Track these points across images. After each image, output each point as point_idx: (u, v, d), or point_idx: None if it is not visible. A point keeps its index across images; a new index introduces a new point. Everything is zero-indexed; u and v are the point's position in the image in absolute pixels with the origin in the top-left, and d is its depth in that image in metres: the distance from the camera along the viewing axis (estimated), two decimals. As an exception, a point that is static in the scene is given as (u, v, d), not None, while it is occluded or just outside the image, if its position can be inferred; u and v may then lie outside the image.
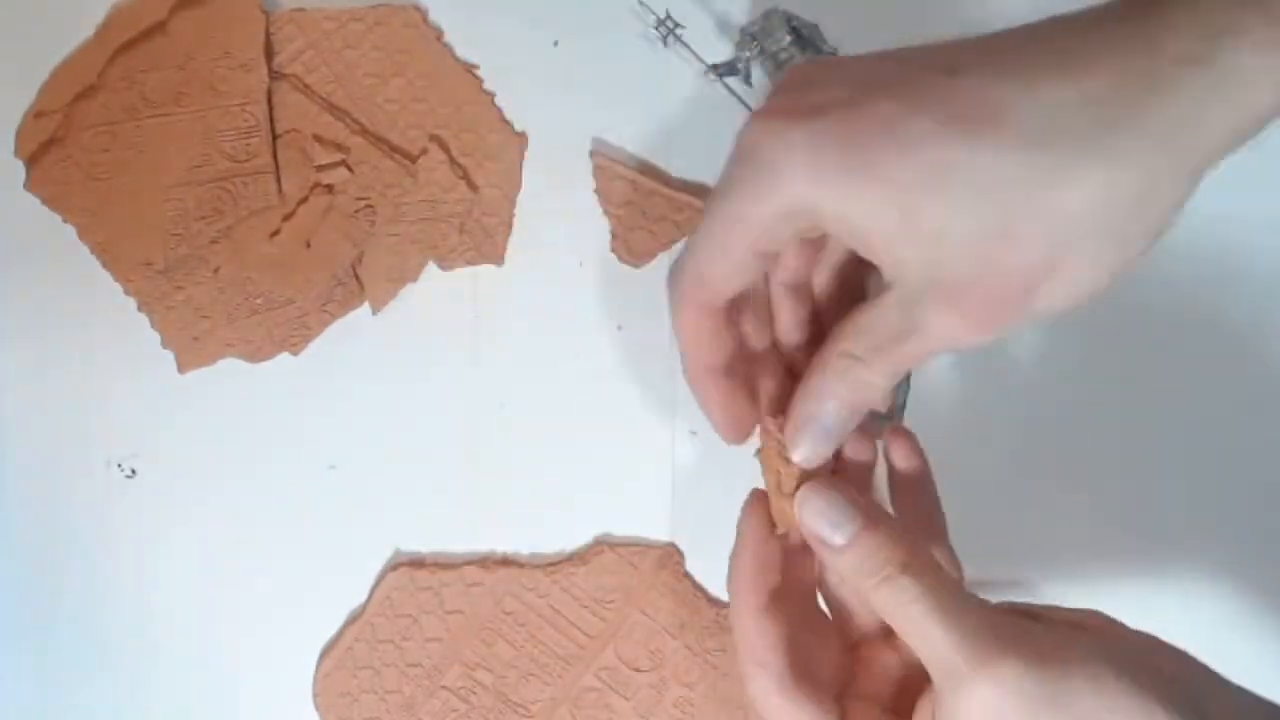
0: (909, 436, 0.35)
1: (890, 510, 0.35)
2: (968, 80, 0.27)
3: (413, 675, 0.43)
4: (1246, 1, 0.25)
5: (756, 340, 0.33)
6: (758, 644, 0.33)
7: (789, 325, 0.33)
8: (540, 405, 0.44)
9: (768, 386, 0.33)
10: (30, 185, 0.43)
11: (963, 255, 0.27)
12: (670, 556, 0.43)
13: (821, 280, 0.33)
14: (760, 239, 0.29)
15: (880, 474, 0.37)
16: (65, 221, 0.43)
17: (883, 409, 0.32)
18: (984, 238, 0.27)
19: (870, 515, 0.31)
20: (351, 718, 0.43)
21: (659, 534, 0.43)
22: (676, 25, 0.43)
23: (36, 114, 0.43)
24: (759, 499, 0.34)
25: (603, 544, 0.43)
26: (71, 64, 0.44)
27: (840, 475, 0.34)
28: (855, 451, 0.35)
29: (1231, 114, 0.26)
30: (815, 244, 0.32)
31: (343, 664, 0.43)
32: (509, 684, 0.43)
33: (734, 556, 0.34)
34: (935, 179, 0.27)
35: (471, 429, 0.44)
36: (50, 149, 0.43)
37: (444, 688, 0.43)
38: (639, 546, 0.43)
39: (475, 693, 0.43)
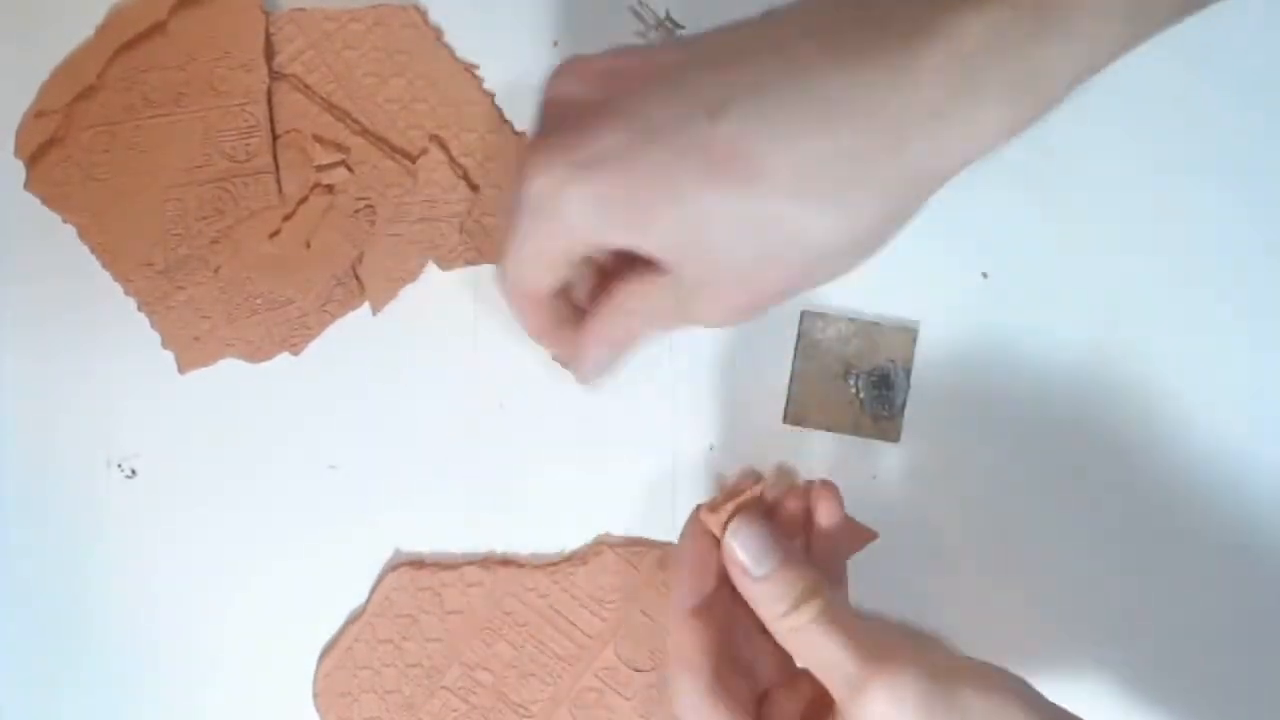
0: (834, 492, 0.39)
1: None
2: (728, 127, 0.30)
3: (413, 675, 0.43)
4: (989, 50, 0.29)
5: (582, 294, 0.38)
6: (687, 644, 0.36)
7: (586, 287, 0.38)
8: (540, 405, 0.44)
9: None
10: (30, 185, 0.43)
11: (728, 273, 0.32)
12: (670, 557, 0.43)
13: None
14: (562, 261, 0.34)
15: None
16: (65, 221, 0.43)
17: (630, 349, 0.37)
18: (745, 264, 0.32)
19: (790, 554, 0.36)
20: (351, 718, 0.43)
21: (659, 534, 0.43)
22: (676, 25, 0.43)
23: (36, 114, 0.43)
24: (709, 509, 0.38)
25: (603, 544, 0.43)
26: (71, 64, 0.43)
27: (775, 516, 0.39)
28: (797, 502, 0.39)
29: (964, 154, 0.31)
30: None
31: (343, 664, 0.43)
32: (509, 684, 0.43)
33: (674, 558, 0.38)
34: (702, 224, 0.31)
35: (472, 429, 0.44)
36: (50, 149, 0.43)
37: (444, 688, 0.43)
38: (639, 546, 0.43)
39: (475, 693, 0.43)
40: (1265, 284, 0.44)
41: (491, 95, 0.44)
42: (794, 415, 0.43)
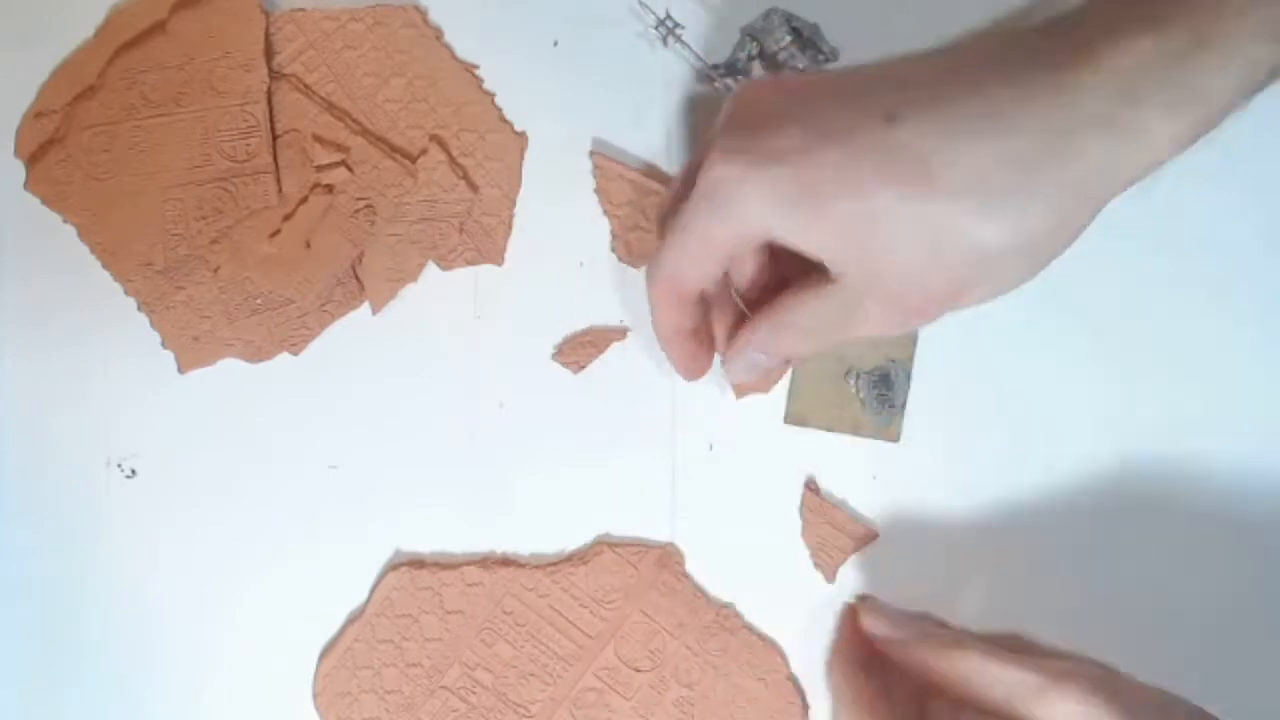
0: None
1: None
2: (904, 132, 0.32)
3: (413, 675, 0.43)
4: (1150, 69, 0.30)
5: (714, 290, 0.39)
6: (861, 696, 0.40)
7: (740, 279, 0.39)
8: (540, 405, 0.44)
9: (721, 329, 0.40)
10: (30, 185, 0.43)
11: (898, 275, 0.33)
12: (670, 556, 0.43)
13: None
14: (725, 254, 0.35)
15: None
16: (65, 221, 0.43)
17: (798, 364, 0.42)
18: (915, 265, 0.33)
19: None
20: (351, 718, 0.43)
21: (659, 534, 0.44)
22: (676, 25, 0.43)
23: (36, 114, 0.43)
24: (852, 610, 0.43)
25: (603, 544, 0.43)
26: (71, 64, 0.44)
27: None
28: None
29: (1134, 166, 0.31)
30: None
31: (343, 664, 0.43)
32: (509, 684, 0.43)
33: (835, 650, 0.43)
34: (875, 222, 0.32)
35: (471, 429, 0.44)
36: (50, 149, 0.43)
37: (444, 688, 0.43)
38: (639, 546, 0.43)
39: (475, 693, 0.43)
40: (1267, 281, 0.44)
41: (491, 95, 0.44)
42: (795, 415, 0.43)
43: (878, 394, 0.43)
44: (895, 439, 0.43)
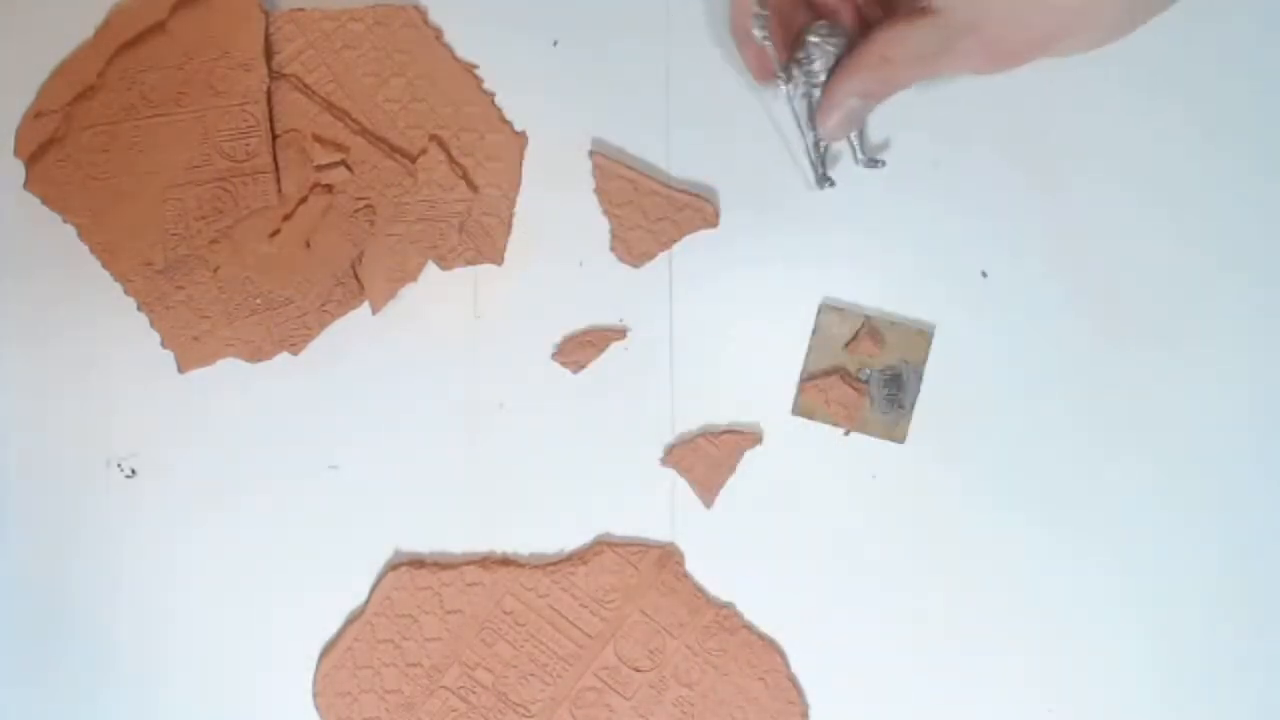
0: None
1: None
2: None
3: (413, 675, 0.43)
4: None
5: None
6: None
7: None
8: (540, 405, 0.44)
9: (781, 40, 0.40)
10: (30, 185, 0.43)
11: (1003, 11, 0.35)
12: (670, 556, 0.43)
13: None
14: None
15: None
16: (65, 221, 0.43)
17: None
18: (1022, 2, 0.35)
19: None
20: (351, 718, 0.43)
21: (659, 534, 0.44)
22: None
23: (36, 114, 0.43)
24: None
25: (603, 544, 0.43)
26: (71, 64, 0.44)
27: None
28: None
29: None
30: None
31: (343, 664, 0.43)
32: (509, 684, 0.43)
33: None
34: None
35: (471, 429, 0.44)
36: (50, 149, 0.43)
37: (444, 687, 0.43)
38: (639, 546, 0.43)
39: (475, 692, 0.43)
40: (1268, 281, 0.44)
41: (491, 95, 0.44)
42: (804, 407, 0.43)
43: (887, 394, 0.43)
44: (902, 440, 0.43)
